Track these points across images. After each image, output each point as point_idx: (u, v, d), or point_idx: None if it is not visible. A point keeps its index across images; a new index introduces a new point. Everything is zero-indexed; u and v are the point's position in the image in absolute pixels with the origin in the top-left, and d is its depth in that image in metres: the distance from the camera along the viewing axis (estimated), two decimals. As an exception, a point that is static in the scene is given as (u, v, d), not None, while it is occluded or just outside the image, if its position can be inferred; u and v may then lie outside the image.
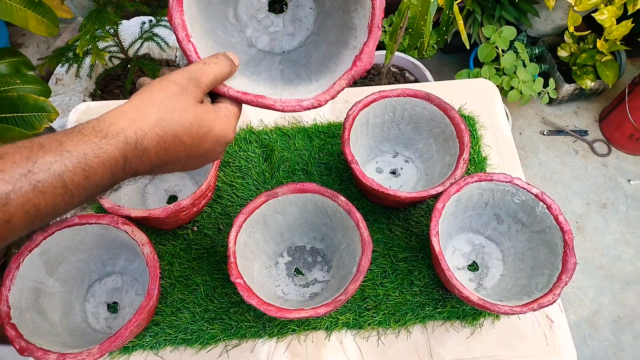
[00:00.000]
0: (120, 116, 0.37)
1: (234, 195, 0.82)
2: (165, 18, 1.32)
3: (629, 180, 1.69)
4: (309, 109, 0.47)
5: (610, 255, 1.56)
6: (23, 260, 0.62)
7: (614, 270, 1.53)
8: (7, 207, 0.31)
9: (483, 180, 0.70)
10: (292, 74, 0.52)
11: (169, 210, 0.66)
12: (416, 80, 1.56)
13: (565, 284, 0.64)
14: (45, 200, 0.32)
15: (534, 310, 0.62)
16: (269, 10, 0.54)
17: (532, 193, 0.70)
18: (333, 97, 0.48)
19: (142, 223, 0.73)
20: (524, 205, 0.71)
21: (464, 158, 0.72)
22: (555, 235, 0.68)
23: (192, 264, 0.75)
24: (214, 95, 0.46)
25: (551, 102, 1.76)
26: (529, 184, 0.70)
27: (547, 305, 0.62)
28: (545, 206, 0.69)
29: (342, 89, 0.48)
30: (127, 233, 0.64)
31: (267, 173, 0.84)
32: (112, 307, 0.71)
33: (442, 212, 0.67)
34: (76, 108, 0.92)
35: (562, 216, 0.68)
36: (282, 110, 0.47)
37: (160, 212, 0.66)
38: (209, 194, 0.75)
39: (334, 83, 0.48)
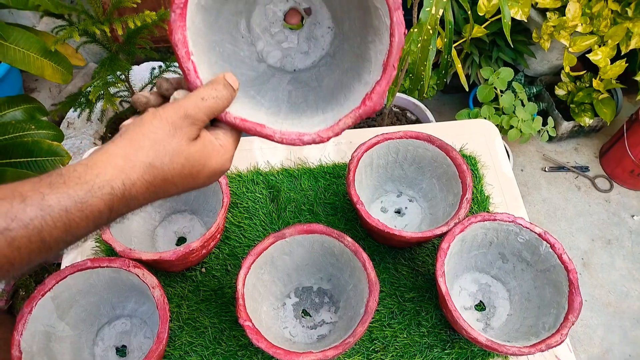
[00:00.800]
0: (108, 163, 0.35)
1: (241, 236, 0.83)
2: (175, 64, 1.36)
3: (633, 216, 1.69)
4: (309, 144, 0.45)
5: (618, 292, 1.55)
6: (35, 305, 0.62)
7: (622, 307, 1.52)
8: None
9: (486, 220, 0.71)
10: (300, 97, 0.49)
11: (179, 253, 0.67)
12: (418, 120, 1.59)
13: (573, 324, 0.64)
14: (20, 255, 0.31)
15: (542, 350, 0.62)
16: (284, 25, 0.50)
17: (535, 232, 0.71)
18: (336, 135, 0.45)
19: (152, 265, 0.74)
20: (528, 244, 0.72)
21: (466, 198, 0.73)
22: (560, 275, 0.68)
23: (201, 306, 0.76)
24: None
25: (551, 139, 1.79)
26: (531, 223, 0.71)
27: (555, 346, 0.62)
28: (548, 245, 0.70)
29: (347, 127, 0.45)
30: (138, 276, 0.65)
31: (274, 214, 0.86)
32: (121, 351, 0.71)
33: (447, 252, 0.68)
34: (87, 152, 0.94)
35: (565, 255, 0.69)
36: (281, 142, 0.44)
37: (170, 254, 0.67)
38: (218, 236, 0.77)
39: (339, 120, 0.45)
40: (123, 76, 1.24)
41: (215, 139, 0.42)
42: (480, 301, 0.77)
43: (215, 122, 0.44)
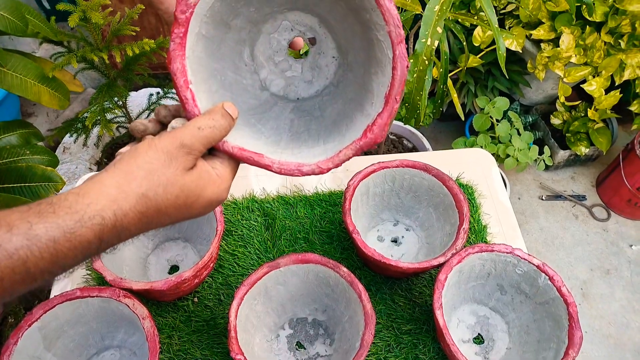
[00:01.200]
0: (100, 193, 0.34)
1: (235, 265, 0.82)
2: (173, 90, 1.37)
3: (631, 245, 1.68)
4: (308, 175, 0.44)
5: (618, 323, 1.52)
6: (22, 335, 0.61)
7: (623, 339, 1.49)
8: None
9: (484, 251, 0.70)
10: (302, 126, 0.49)
11: (170, 283, 0.66)
12: (414, 148, 1.60)
13: (573, 359, 0.62)
14: (3, 285, 0.30)
15: (543, 386, 0.60)
16: (288, 53, 0.50)
17: (534, 264, 0.70)
18: (336, 166, 0.44)
19: (143, 295, 0.72)
20: (526, 276, 0.71)
21: (464, 228, 0.73)
22: (559, 308, 0.67)
23: (192, 337, 0.74)
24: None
25: (547, 167, 1.79)
26: (530, 255, 0.70)
27: (556, 382, 0.60)
28: (547, 277, 0.69)
29: (348, 159, 0.44)
30: (129, 306, 0.63)
31: (269, 242, 0.85)
32: (109, 384, 0.69)
33: (445, 284, 0.67)
34: (82, 179, 0.93)
35: (565, 287, 0.68)
36: (279, 173, 0.44)
37: (162, 284, 0.65)
38: (211, 265, 0.75)
39: (340, 151, 0.44)
40: (120, 102, 1.24)
41: (212, 168, 0.41)
42: (479, 334, 0.76)
43: (213, 150, 0.43)
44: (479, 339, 0.75)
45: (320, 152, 0.45)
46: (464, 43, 0.97)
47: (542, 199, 1.79)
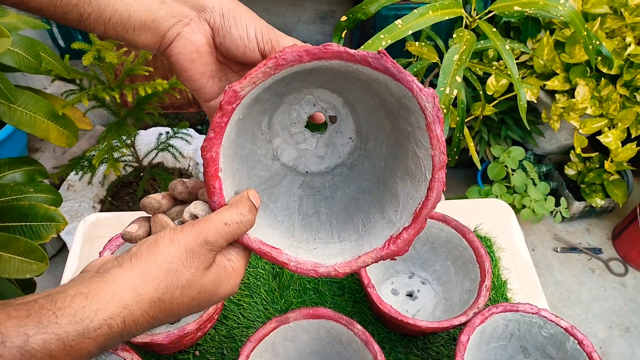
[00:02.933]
0: (112, 297, 0.30)
1: (240, 316, 0.77)
2: (183, 130, 1.36)
3: (651, 303, 1.61)
4: (324, 276, 0.42)
5: (641, 386, 1.44)
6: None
7: (646, 404, 1.41)
8: None
9: (508, 311, 0.66)
10: (310, 207, 0.47)
11: (172, 336, 0.61)
12: (426, 195, 1.56)
13: None
14: None
15: None
16: (305, 127, 0.48)
17: (562, 326, 0.65)
18: (353, 272, 0.42)
19: (142, 347, 0.68)
20: (553, 338, 0.66)
21: (486, 285, 0.68)
22: (591, 376, 0.62)
23: (191, 395, 0.68)
24: None
25: (562, 219, 1.75)
26: (557, 317, 0.66)
27: None
28: (576, 342, 0.64)
29: (366, 266, 0.42)
30: (125, 361, 0.59)
31: (276, 292, 0.80)
32: None
33: (467, 346, 0.62)
34: (85, 219, 0.90)
35: (595, 354, 0.63)
36: (295, 272, 0.42)
37: (163, 337, 0.61)
38: (216, 317, 0.71)
39: (359, 257, 0.42)
40: (129, 141, 1.22)
41: (228, 261, 0.38)
42: (501, 401, 0.70)
43: None
44: (501, 408, 0.69)
45: (337, 252, 0.43)
46: (480, 92, 0.96)
47: (557, 251, 1.73)
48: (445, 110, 0.81)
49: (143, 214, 0.47)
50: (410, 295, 0.80)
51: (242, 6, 0.39)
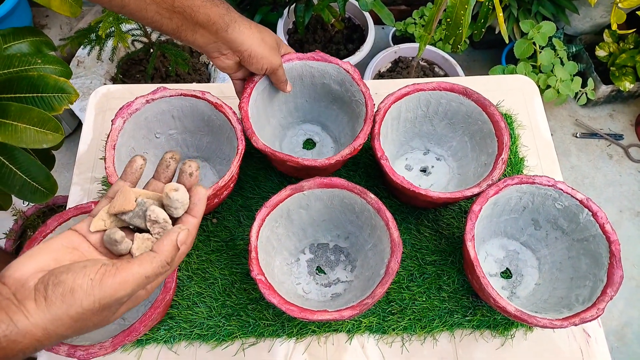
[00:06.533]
0: (27, 333, 0.34)
1: (256, 188, 0.78)
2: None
3: (665, 189, 1.61)
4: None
5: (642, 265, 1.49)
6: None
7: (645, 281, 1.47)
8: None
9: (524, 183, 0.65)
10: None
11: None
12: (446, 75, 1.51)
13: (611, 298, 0.59)
14: None
15: (576, 324, 0.57)
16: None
17: (577, 199, 0.65)
18: None
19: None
20: (567, 211, 0.66)
21: (502, 158, 0.67)
22: (600, 245, 0.63)
23: (211, 256, 0.72)
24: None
25: (586, 103, 1.69)
26: (573, 189, 0.65)
27: (590, 320, 0.57)
28: (590, 213, 0.64)
29: None
30: (145, 222, 0.61)
31: (291, 165, 0.81)
32: (127, 298, 0.68)
33: (478, 215, 0.63)
34: (97, 91, 0.89)
35: (608, 225, 0.63)
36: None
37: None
38: (231, 185, 0.72)
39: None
40: (137, 13, 1.16)
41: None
42: (507, 268, 0.72)
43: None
44: (506, 274, 0.72)
45: None
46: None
47: (577, 137, 1.70)
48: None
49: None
50: (424, 170, 0.80)
51: (262, 49, 0.61)
